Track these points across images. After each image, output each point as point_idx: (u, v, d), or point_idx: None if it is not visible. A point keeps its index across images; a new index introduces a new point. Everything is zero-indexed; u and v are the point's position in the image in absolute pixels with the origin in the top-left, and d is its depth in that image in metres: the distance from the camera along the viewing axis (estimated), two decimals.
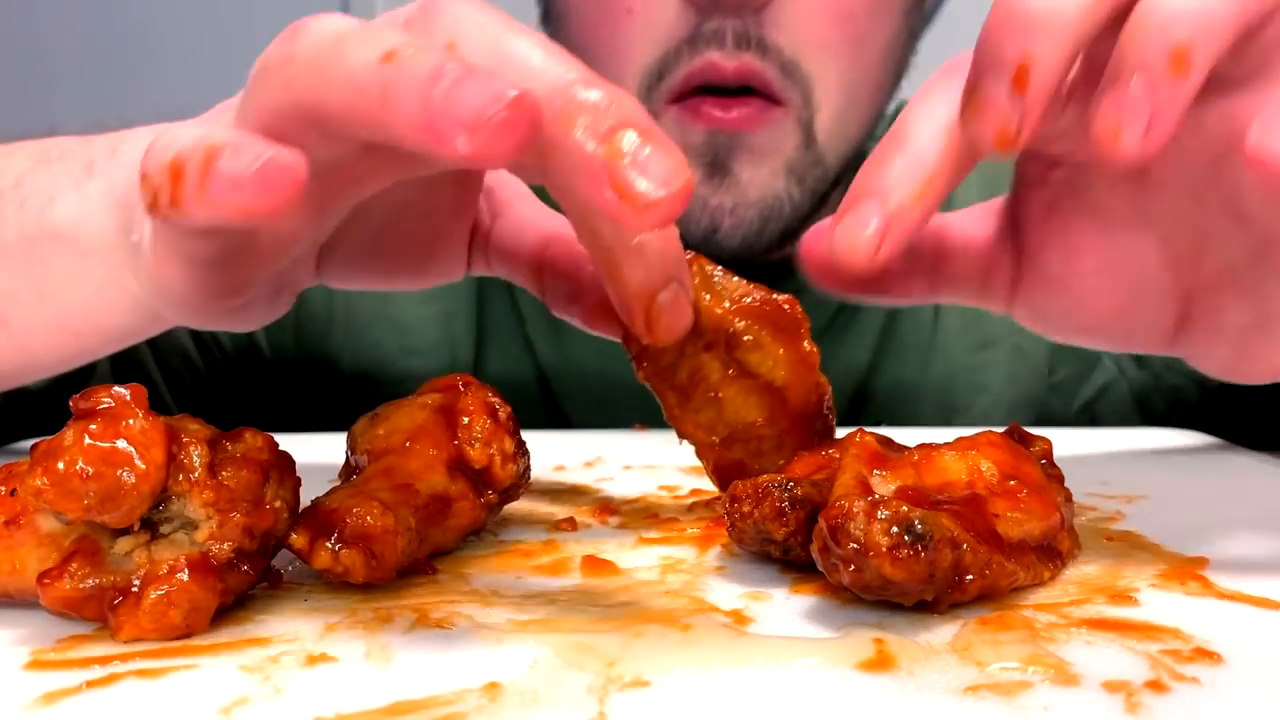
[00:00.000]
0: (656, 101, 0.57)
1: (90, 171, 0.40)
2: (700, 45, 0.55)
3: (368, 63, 0.26)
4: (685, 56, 0.55)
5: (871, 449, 0.30)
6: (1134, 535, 0.35)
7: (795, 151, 0.58)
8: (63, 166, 0.41)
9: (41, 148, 0.43)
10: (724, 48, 0.55)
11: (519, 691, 0.22)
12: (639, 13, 0.56)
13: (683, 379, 0.36)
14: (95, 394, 0.26)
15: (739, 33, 0.54)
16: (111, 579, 0.26)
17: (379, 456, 0.31)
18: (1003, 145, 0.29)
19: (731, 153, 0.57)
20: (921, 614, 0.27)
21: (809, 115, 0.57)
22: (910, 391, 0.70)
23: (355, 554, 0.27)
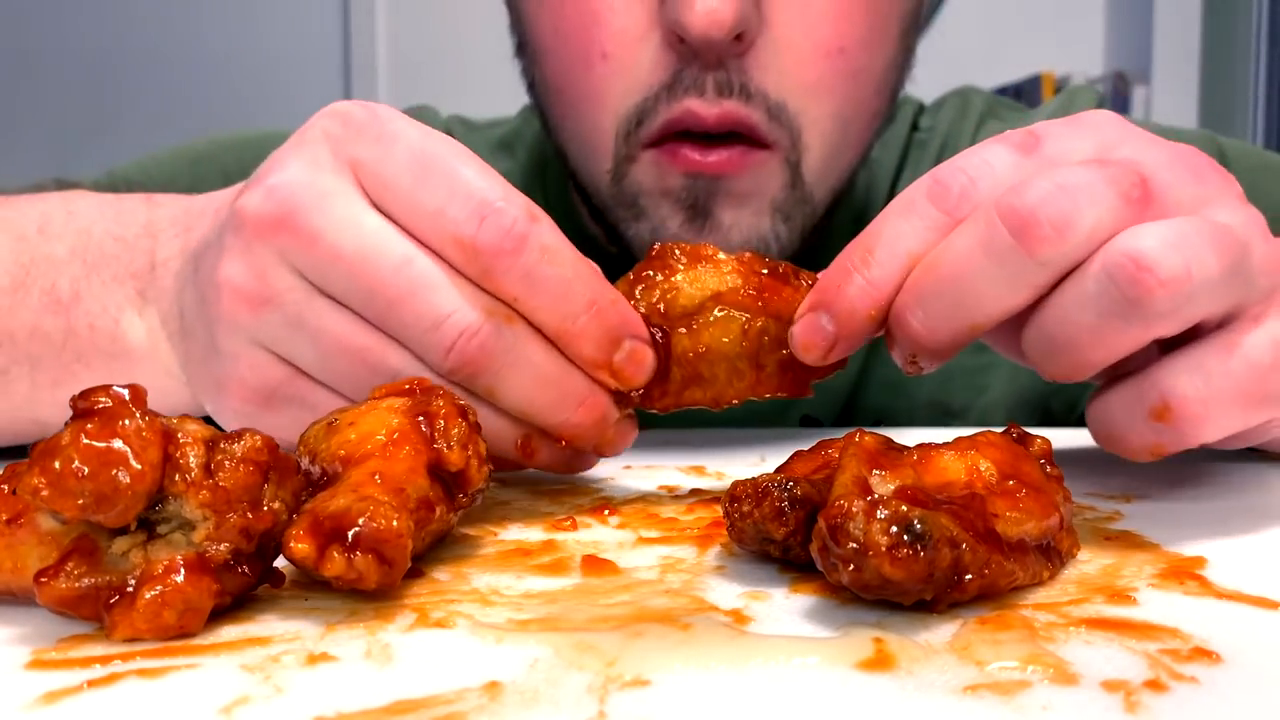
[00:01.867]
0: (634, 147, 0.55)
1: (143, 298, 0.46)
2: (679, 92, 0.53)
3: None
4: (664, 103, 0.53)
5: (871, 449, 0.30)
6: (1133, 535, 0.35)
7: (781, 192, 0.56)
8: (111, 276, 0.46)
9: (78, 241, 0.48)
10: (704, 95, 0.52)
11: (519, 691, 0.23)
12: (614, 58, 0.54)
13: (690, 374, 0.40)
14: (94, 394, 0.26)
15: (720, 80, 0.52)
16: (108, 579, 0.26)
17: (357, 462, 0.30)
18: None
19: (712, 196, 0.55)
20: (921, 613, 0.27)
21: (796, 157, 0.55)
22: (905, 393, 0.70)
23: (369, 560, 0.26)
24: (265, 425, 0.38)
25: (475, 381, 0.37)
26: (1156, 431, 0.34)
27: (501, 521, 0.38)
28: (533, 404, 0.38)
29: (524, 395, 0.38)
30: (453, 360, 0.36)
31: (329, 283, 0.37)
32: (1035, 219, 0.33)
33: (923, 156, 0.73)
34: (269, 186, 0.38)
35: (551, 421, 0.39)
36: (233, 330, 0.38)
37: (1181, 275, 0.31)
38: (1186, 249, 0.32)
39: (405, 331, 0.37)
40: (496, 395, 0.38)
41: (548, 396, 0.38)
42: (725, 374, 0.40)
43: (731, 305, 0.39)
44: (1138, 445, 0.35)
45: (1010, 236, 0.33)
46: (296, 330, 0.38)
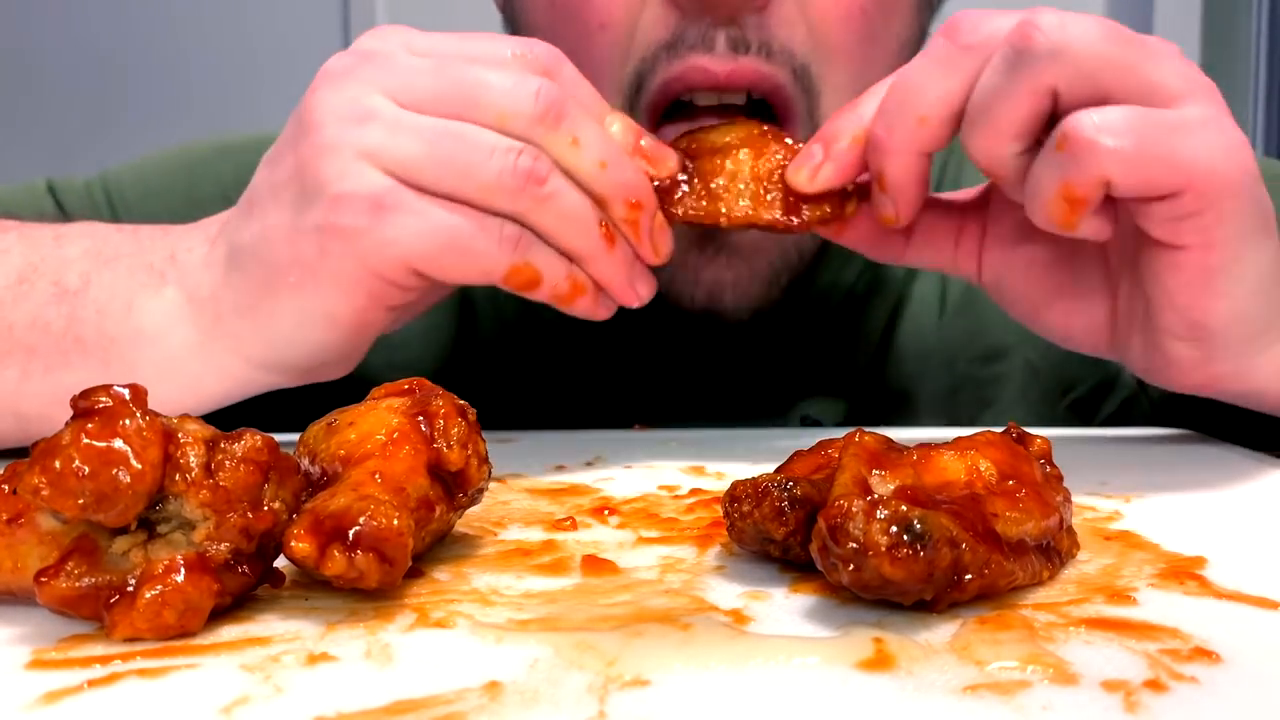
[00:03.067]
0: (638, 119, 0.52)
1: (161, 279, 0.47)
2: (682, 50, 0.51)
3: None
4: (663, 62, 0.52)
5: (871, 449, 0.30)
6: (1132, 535, 0.35)
7: None
8: (125, 268, 0.48)
9: (93, 244, 0.50)
10: (713, 51, 0.51)
11: (519, 691, 0.23)
12: (613, 27, 0.53)
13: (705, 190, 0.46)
14: (94, 393, 0.26)
15: (735, 37, 0.51)
16: (108, 578, 0.26)
17: (357, 461, 0.30)
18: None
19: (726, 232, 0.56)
20: (921, 613, 0.27)
21: (812, 129, 0.52)
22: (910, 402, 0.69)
23: (370, 559, 0.26)
24: (377, 239, 0.42)
25: (560, 125, 0.42)
26: (1060, 165, 0.38)
27: (501, 521, 0.38)
28: (608, 155, 0.43)
29: (599, 146, 0.43)
30: (541, 104, 0.42)
31: (415, 95, 0.42)
32: (958, 20, 0.41)
33: None
34: (345, 51, 0.44)
35: (618, 181, 0.43)
36: (338, 150, 0.42)
37: (1059, 25, 0.38)
38: (1074, 16, 0.38)
39: (491, 103, 0.42)
40: (580, 144, 0.43)
41: (614, 151, 0.44)
42: (735, 189, 0.46)
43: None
44: (1049, 189, 0.39)
45: (942, 38, 0.41)
46: (397, 132, 0.42)
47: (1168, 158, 0.37)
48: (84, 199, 0.71)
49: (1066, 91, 0.38)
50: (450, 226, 0.42)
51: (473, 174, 0.42)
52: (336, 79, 0.43)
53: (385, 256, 0.42)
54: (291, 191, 0.43)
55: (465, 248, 0.42)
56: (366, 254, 0.42)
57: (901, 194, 0.43)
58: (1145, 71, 0.38)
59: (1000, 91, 0.39)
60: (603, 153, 0.43)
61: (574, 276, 0.45)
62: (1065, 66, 0.38)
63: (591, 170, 0.43)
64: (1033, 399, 0.69)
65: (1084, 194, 0.38)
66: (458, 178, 0.42)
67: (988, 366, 0.70)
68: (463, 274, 0.43)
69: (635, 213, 0.44)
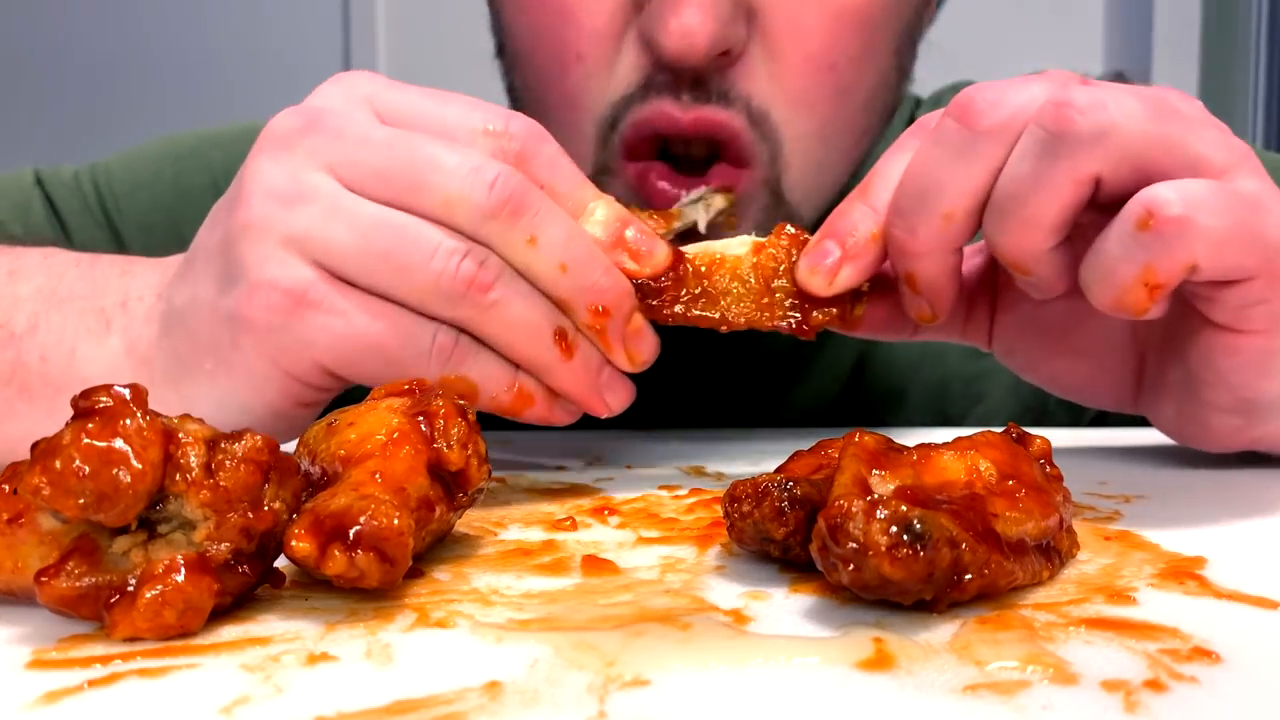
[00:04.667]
0: (611, 155, 0.53)
1: (107, 327, 0.44)
2: (651, 93, 0.51)
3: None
4: (636, 102, 0.51)
5: (870, 449, 0.30)
6: (1132, 535, 0.35)
7: (763, 213, 0.54)
8: (74, 309, 0.45)
9: (46, 280, 0.46)
10: (678, 99, 0.50)
11: (519, 691, 0.23)
12: (589, 58, 0.52)
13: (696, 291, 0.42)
14: (94, 393, 0.26)
15: (697, 83, 0.50)
16: (108, 578, 0.26)
17: (357, 461, 0.30)
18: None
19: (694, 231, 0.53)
20: (920, 613, 0.27)
21: (775, 174, 0.53)
22: (900, 396, 0.69)
23: (371, 558, 0.26)
24: (291, 338, 0.38)
25: (517, 222, 0.38)
26: (1145, 247, 0.34)
27: (501, 521, 0.38)
28: (571, 256, 0.39)
29: (562, 245, 0.39)
30: (495, 196, 0.37)
31: (359, 172, 0.38)
32: (971, 99, 0.37)
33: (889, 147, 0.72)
34: (293, 109, 0.40)
35: (582, 285, 0.39)
36: (263, 233, 0.38)
37: (1098, 104, 0.35)
38: (1106, 91, 0.35)
39: (439, 189, 0.38)
40: (538, 243, 0.38)
41: (581, 250, 0.39)
42: (736, 291, 0.41)
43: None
44: (1127, 274, 0.35)
45: (955, 122, 0.37)
46: (330, 219, 0.38)
47: (1254, 238, 0.35)
48: (73, 191, 0.70)
49: (1111, 176, 0.35)
50: (373, 333, 0.38)
51: (408, 275, 0.38)
52: (278, 146, 0.39)
53: (298, 358, 0.39)
54: (217, 265, 0.40)
55: (389, 358, 0.39)
56: (278, 353, 0.39)
57: (938, 294, 0.40)
58: (1190, 145, 0.35)
59: (1036, 181, 0.35)
60: (565, 254, 0.39)
61: (521, 386, 0.40)
62: (1110, 150, 0.35)
63: (549, 273, 0.39)
64: (1023, 394, 0.69)
65: (1168, 279, 0.34)
66: (391, 276, 0.38)
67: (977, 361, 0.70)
68: (381, 379, 0.38)
69: (602, 320, 0.40)
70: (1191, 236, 0.34)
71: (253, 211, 0.39)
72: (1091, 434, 0.58)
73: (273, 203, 0.38)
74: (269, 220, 0.38)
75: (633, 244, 0.41)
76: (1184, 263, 0.34)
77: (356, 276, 0.38)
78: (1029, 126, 0.36)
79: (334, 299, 0.38)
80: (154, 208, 0.70)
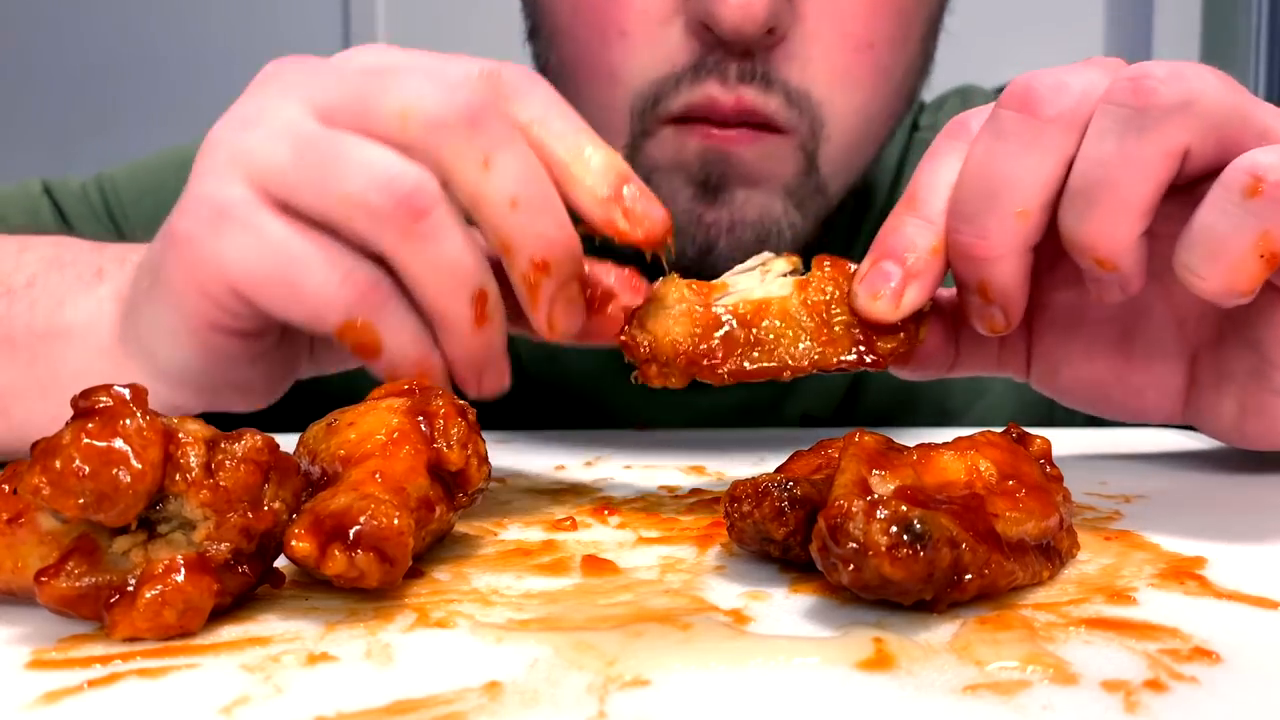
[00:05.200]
0: (650, 123, 0.54)
1: (100, 277, 0.44)
2: (703, 75, 0.52)
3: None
4: (686, 84, 0.53)
5: (870, 449, 0.30)
6: (1132, 535, 0.35)
7: (794, 178, 0.56)
8: (74, 270, 0.45)
9: (54, 251, 0.47)
10: (725, 81, 0.52)
11: (519, 691, 0.23)
12: (633, 36, 0.53)
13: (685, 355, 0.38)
14: (94, 393, 0.26)
15: (744, 68, 0.52)
16: (108, 578, 0.26)
17: (357, 461, 0.30)
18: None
19: (725, 175, 0.55)
20: (921, 613, 0.27)
21: (814, 146, 0.55)
22: (904, 393, 0.70)
23: (371, 558, 0.26)
24: (207, 251, 0.37)
25: (474, 137, 0.35)
26: (1256, 214, 0.32)
27: (501, 521, 0.38)
28: (525, 193, 0.36)
29: (517, 177, 0.36)
30: (455, 105, 0.35)
31: (326, 98, 0.37)
32: (1031, 87, 0.35)
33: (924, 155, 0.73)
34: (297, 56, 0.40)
35: (529, 229, 0.36)
36: (213, 152, 0.38)
37: (1177, 74, 0.33)
38: (1179, 63, 0.34)
39: (397, 99, 0.36)
40: (491, 167, 0.36)
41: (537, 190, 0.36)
42: (791, 332, 0.37)
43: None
44: (1241, 245, 0.33)
45: (1016, 113, 0.35)
46: (278, 137, 0.37)
47: None
48: (81, 201, 0.71)
49: (1199, 149, 0.34)
50: (285, 251, 0.36)
51: (337, 186, 0.35)
52: (258, 83, 0.39)
53: (208, 272, 0.37)
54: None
55: (295, 280, 0.36)
56: (193, 266, 0.37)
57: (1012, 300, 0.37)
58: (1259, 115, 0.34)
59: (1125, 161, 0.34)
60: (519, 188, 0.36)
61: (423, 364, 0.38)
62: (1197, 120, 0.33)
63: (497, 205, 0.36)
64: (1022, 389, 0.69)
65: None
66: (319, 190, 0.36)
67: None
68: (287, 310, 0.37)
69: (539, 275, 0.37)
70: None
71: (213, 135, 0.38)
72: (1091, 434, 0.58)
73: (234, 126, 0.38)
74: (222, 140, 0.38)
75: (629, 202, 0.37)
76: None
77: (289, 196, 0.36)
78: (1102, 107, 0.34)
79: (258, 216, 0.36)
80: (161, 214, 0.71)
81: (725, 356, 0.37)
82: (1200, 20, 2.35)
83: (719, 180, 0.55)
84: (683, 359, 0.37)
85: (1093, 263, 0.36)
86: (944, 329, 0.42)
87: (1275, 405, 0.40)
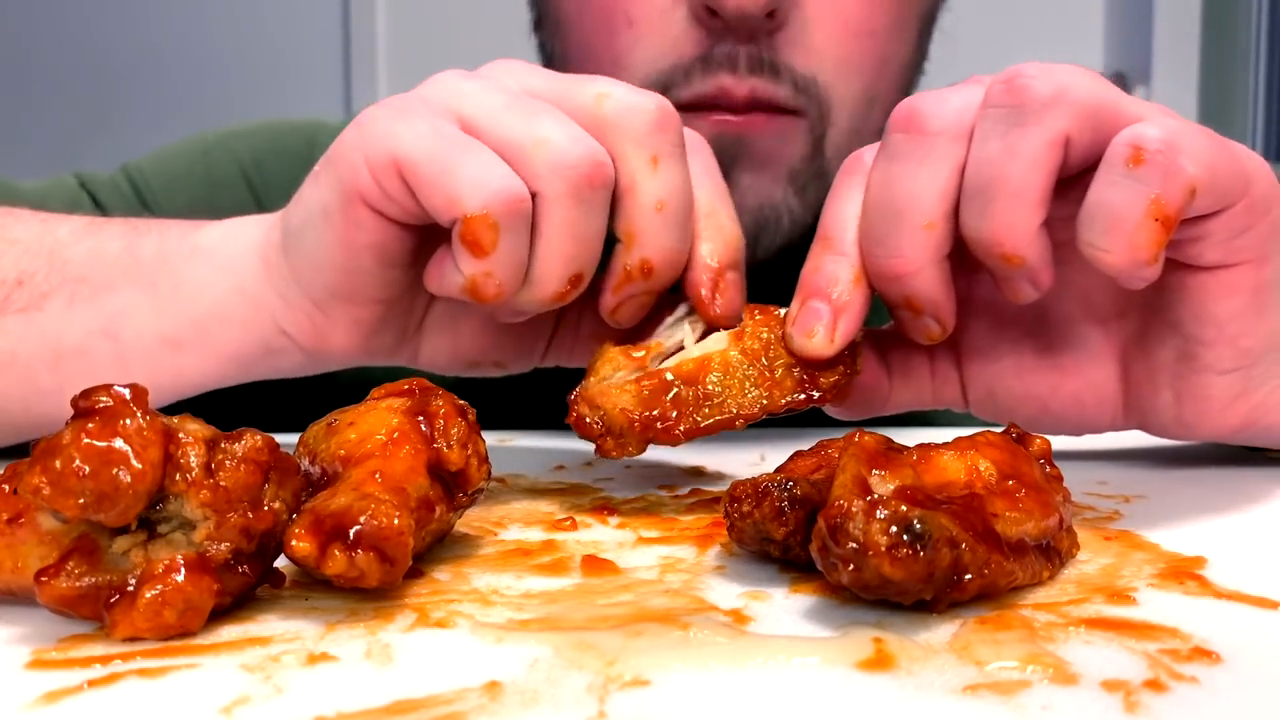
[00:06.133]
0: None
1: (222, 222, 0.46)
2: (713, 67, 0.53)
3: None
4: (697, 75, 0.53)
5: (870, 449, 0.30)
6: (1132, 535, 0.35)
7: (800, 161, 0.56)
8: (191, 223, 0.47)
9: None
10: (736, 71, 0.53)
11: (519, 691, 0.23)
12: (640, 24, 0.54)
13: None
14: (94, 393, 0.26)
15: (752, 56, 0.53)
16: (108, 578, 0.26)
17: (357, 461, 0.30)
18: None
19: (736, 158, 0.55)
20: (920, 613, 0.27)
21: (822, 130, 0.56)
22: None
23: (371, 558, 0.26)
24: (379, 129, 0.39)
25: (659, 136, 0.39)
26: (1143, 180, 0.33)
27: (501, 521, 0.38)
28: (674, 203, 0.40)
29: (672, 186, 0.40)
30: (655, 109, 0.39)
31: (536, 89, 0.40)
32: (914, 108, 0.37)
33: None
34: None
35: (657, 235, 0.40)
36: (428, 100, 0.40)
37: (1045, 70, 0.35)
38: (1048, 64, 0.36)
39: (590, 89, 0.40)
40: (657, 168, 0.39)
41: (682, 204, 0.40)
42: (736, 383, 0.38)
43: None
44: (1135, 213, 0.34)
45: (904, 134, 0.37)
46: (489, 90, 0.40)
47: (1230, 160, 0.35)
48: (113, 190, 0.71)
49: (1078, 136, 0.35)
50: (454, 141, 0.38)
51: (529, 128, 0.38)
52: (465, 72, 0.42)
53: (376, 143, 0.39)
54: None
55: (453, 164, 0.38)
56: (366, 137, 0.39)
57: (940, 306, 0.39)
58: (1129, 104, 0.36)
59: (1011, 155, 0.35)
60: (670, 195, 0.39)
61: (508, 288, 0.39)
62: (1071, 107, 0.35)
63: (645, 201, 0.39)
64: None
65: (1175, 207, 0.34)
66: (511, 128, 0.38)
67: None
68: (433, 189, 0.38)
69: (638, 276, 0.40)
70: (1183, 160, 0.34)
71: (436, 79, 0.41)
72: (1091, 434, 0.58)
73: (452, 77, 0.41)
74: (442, 82, 0.41)
75: (727, 281, 0.42)
76: (1185, 186, 0.34)
77: (480, 122, 0.39)
78: (983, 112, 0.36)
79: (442, 119, 0.39)
80: (190, 200, 0.71)
81: (679, 418, 0.38)
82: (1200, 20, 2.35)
83: (729, 162, 0.55)
84: (638, 426, 0.38)
85: (1000, 260, 0.36)
86: (876, 362, 0.43)
87: (1208, 384, 0.40)
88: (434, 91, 0.40)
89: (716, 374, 0.38)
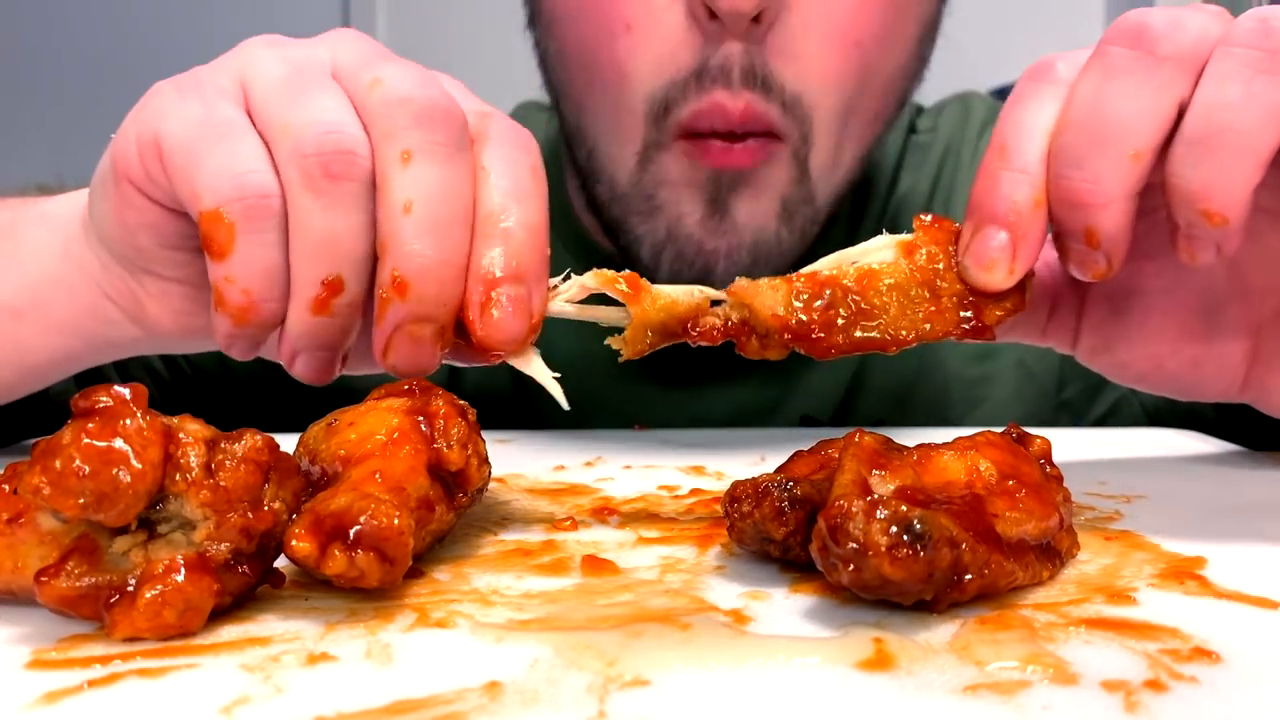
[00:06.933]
0: (665, 134, 0.55)
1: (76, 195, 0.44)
2: (707, 82, 0.53)
3: None
4: (693, 91, 0.53)
5: (871, 449, 0.30)
6: (1132, 535, 0.35)
7: (790, 186, 0.56)
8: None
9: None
10: (730, 86, 0.53)
11: (519, 691, 0.23)
12: (639, 29, 0.54)
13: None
14: (95, 393, 0.26)
15: (745, 67, 0.53)
16: (108, 578, 0.26)
17: (357, 461, 0.30)
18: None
19: (733, 190, 0.56)
20: (920, 613, 0.27)
21: (805, 151, 0.56)
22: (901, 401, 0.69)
23: (371, 558, 0.26)
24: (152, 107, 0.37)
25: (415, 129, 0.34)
26: None
27: (501, 521, 0.38)
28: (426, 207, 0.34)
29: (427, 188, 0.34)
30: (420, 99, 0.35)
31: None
32: (1145, 24, 0.33)
33: (923, 160, 0.73)
34: None
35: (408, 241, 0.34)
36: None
37: None
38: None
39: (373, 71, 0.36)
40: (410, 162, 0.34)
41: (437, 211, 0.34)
42: (898, 303, 0.35)
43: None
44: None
45: (1129, 49, 0.33)
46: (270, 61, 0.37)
47: None
48: None
49: None
50: (213, 130, 0.35)
51: (287, 111, 0.35)
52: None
53: (149, 126, 0.36)
54: None
55: (200, 154, 0.35)
56: (142, 116, 0.37)
57: (1118, 245, 0.34)
58: None
59: (1249, 105, 0.31)
60: (420, 196, 0.34)
61: (253, 297, 0.35)
62: None
63: (393, 202, 0.34)
64: (1023, 397, 0.69)
65: None
66: (276, 105, 0.35)
67: (978, 365, 0.70)
68: (177, 179, 0.35)
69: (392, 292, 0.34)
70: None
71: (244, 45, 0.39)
72: (1091, 434, 0.58)
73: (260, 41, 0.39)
74: (246, 46, 0.38)
75: (504, 298, 0.35)
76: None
77: (255, 99, 0.36)
78: (1224, 49, 0.32)
79: (219, 98, 0.36)
80: None
81: (835, 329, 0.35)
82: None
83: (727, 195, 0.56)
84: (788, 335, 0.35)
85: (1199, 214, 0.33)
86: None
87: None
88: (233, 61, 0.37)
89: (885, 286, 0.35)
